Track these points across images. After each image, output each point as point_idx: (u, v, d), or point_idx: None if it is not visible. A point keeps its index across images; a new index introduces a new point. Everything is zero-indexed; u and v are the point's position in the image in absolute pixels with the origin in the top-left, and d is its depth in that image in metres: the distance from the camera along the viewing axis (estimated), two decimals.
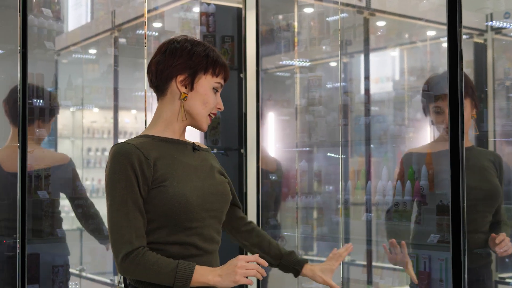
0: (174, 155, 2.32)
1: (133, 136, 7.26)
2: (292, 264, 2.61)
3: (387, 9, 4.65)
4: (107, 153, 8.26)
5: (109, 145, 8.26)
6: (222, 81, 2.39)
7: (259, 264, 2.25)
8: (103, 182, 6.71)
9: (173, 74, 2.34)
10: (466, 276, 3.05)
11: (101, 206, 4.09)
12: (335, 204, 4.59)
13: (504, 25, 5.04)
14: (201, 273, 2.19)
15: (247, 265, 2.18)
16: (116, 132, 5.60)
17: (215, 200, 2.33)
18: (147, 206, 2.22)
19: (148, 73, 2.42)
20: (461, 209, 3.02)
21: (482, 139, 5.15)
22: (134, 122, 8.41)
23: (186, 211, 2.23)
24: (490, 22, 5.11)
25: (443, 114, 3.36)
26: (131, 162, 2.18)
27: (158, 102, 2.42)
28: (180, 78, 2.34)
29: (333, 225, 4.71)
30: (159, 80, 2.37)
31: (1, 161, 3.86)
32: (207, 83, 2.36)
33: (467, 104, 3.22)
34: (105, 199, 2.25)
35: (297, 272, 2.62)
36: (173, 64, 2.33)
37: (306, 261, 2.62)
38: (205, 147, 2.53)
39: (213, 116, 2.41)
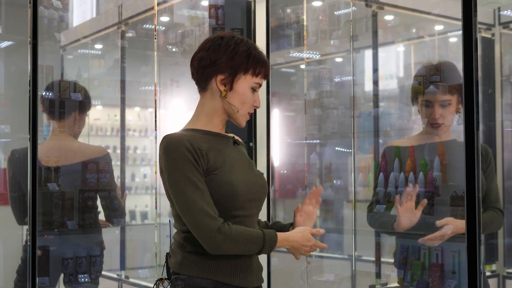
0: (219, 148, 2.43)
1: (136, 134, 7.18)
2: (278, 229, 2.60)
3: (395, 3, 4.65)
4: (110, 151, 8.30)
5: (112, 142, 8.28)
6: (261, 81, 2.45)
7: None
8: None
9: (214, 72, 2.42)
10: (482, 267, 3.04)
11: None
12: (345, 197, 4.59)
13: None
14: (281, 242, 2.39)
15: (312, 249, 2.45)
16: (123, 125, 5.58)
17: (257, 191, 2.46)
18: None
19: (191, 66, 2.51)
20: (476, 199, 3.01)
21: (490, 133, 5.16)
22: (137, 119, 8.42)
23: (233, 200, 2.35)
24: (499, 12, 5.09)
25: (431, 108, 3.41)
26: (188, 149, 2.29)
27: (200, 96, 2.51)
28: (220, 77, 2.42)
29: (343, 218, 4.70)
30: (200, 76, 2.46)
31: (40, 154, 3.91)
32: (246, 83, 2.42)
33: (454, 100, 3.38)
34: (166, 187, 2.38)
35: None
36: (215, 63, 2.41)
37: (290, 224, 2.67)
38: (241, 140, 2.64)
39: (251, 114, 2.47)
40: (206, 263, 2.35)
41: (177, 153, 2.28)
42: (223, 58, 2.40)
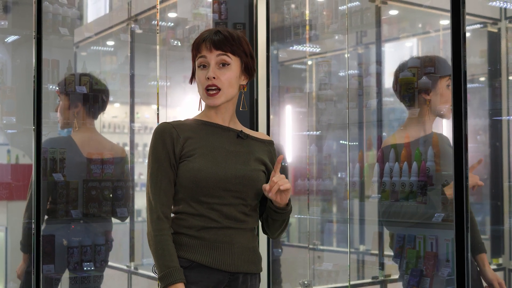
0: (208, 137, 2.49)
1: (152, 131, 7.28)
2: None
3: None
4: (128, 148, 8.40)
5: (129, 140, 8.36)
6: (200, 54, 2.47)
7: None
8: None
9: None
10: (469, 255, 3.09)
11: None
12: (344, 187, 4.62)
13: None
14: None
15: None
16: (132, 119, 5.67)
17: (238, 183, 2.43)
18: (176, 178, 2.45)
19: None
20: (464, 188, 3.06)
21: (496, 126, 5.17)
22: (154, 117, 8.48)
23: (199, 186, 2.40)
24: (506, 7, 5.09)
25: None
26: (163, 139, 2.43)
27: None
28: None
29: (343, 207, 4.74)
30: None
31: (80, 145, 4.11)
32: (196, 68, 2.52)
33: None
34: None
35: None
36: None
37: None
38: (267, 138, 2.65)
39: (212, 87, 2.47)
40: (184, 243, 2.42)
41: (152, 142, 2.44)
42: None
